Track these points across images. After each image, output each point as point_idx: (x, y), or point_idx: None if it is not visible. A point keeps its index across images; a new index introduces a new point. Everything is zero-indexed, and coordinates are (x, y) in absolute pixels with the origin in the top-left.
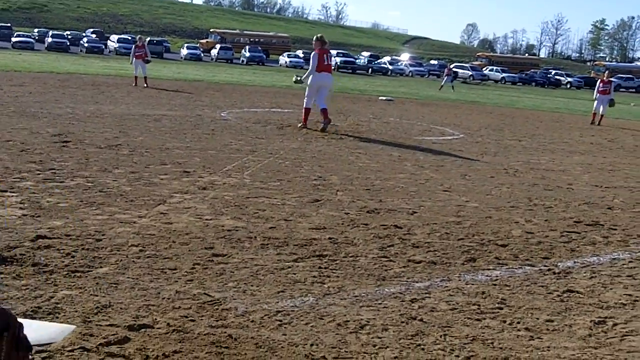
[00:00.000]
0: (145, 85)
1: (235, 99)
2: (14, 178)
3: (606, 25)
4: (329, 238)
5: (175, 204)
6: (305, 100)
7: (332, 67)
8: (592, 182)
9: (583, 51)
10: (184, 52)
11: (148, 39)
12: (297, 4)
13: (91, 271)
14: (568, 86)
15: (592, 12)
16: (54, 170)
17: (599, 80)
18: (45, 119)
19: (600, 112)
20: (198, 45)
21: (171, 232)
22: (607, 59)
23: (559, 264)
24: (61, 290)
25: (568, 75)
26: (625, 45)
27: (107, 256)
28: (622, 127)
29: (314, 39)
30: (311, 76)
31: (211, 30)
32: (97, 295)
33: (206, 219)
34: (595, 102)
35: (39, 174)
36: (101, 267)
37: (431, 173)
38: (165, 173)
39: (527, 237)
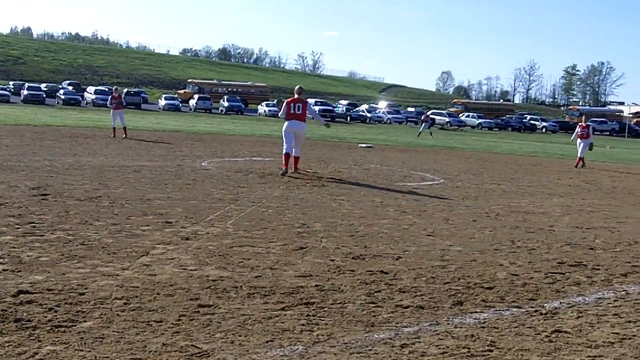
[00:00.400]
0: (125, 136)
1: (215, 149)
2: None
3: (577, 70)
4: (316, 285)
5: (158, 255)
6: (284, 146)
7: (304, 116)
8: (572, 224)
9: (556, 96)
10: (162, 102)
11: (125, 90)
12: (274, 54)
13: (75, 326)
14: (544, 130)
15: (563, 58)
16: (33, 224)
17: (578, 124)
18: (23, 172)
19: (579, 155)
20: (176, 95)
21: (155, 284)
22: (580, 103)
23: (545, 304)
24: (45, 346)
25: (543, 120)
26: (597, 89)
27: (91, 310)
28: (599, 169)
29: None
30: (284, 123)
31: (189, 80)
32: (82, 350)
33: (190, 270)
34: (579, 147)
35: (18, 228)
36: (85, 321)
37: (414, 218)
38: (147, 224)
39: (512, 279)
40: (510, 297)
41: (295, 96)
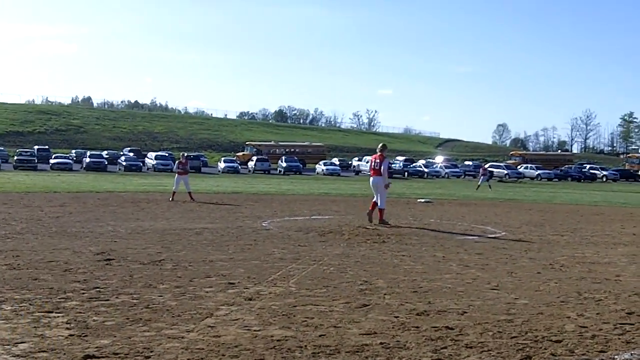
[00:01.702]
0: (192, 200)
1: (275, 209)
2: (59, 298)
3: (634, 118)
4: (381, 343)
5: (222, 317)
6: None
7: (379, 171)
8: (639, 273)
9: (615, 144)
10: (221, 165)
11: (186, 154)
12: (329, 113)
13: None
14: (604, 179)
15: (619, 106)
16: (98, 289)
17: None
18: (87, 237)
19: None
20: (235, 158)
21: (220, 345)
22: (639, 151)
23: (616, 356)
24: None
25: (603, 169)
26: None
27: None
28: None
29: None
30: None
31: (247, 143)
32: None
33: (255, 330)
34: None
35: (83, 293)
36: None
37: (477, 272)
38: (210, 286)
39: (580, 331)
40: (579, 350)
41: (378, 153)
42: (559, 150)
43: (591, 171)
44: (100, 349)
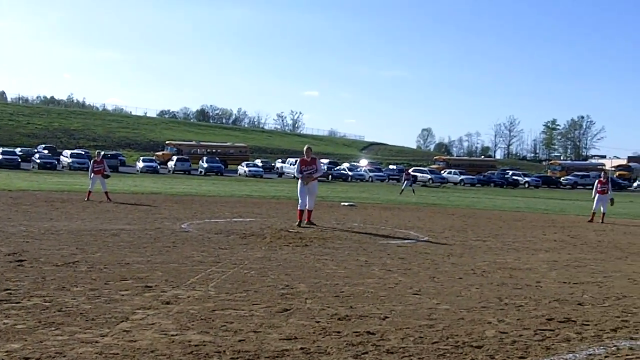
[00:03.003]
0: (108, 200)
1: (195, 210)
2: None
3: (557, 125)
4: (301, 348)
5: (138, 321)
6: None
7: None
8: (560, 279)
9: (537, 151)
10: (140, 165)
11: (102, 152)
12: (253, 114)
13: None
14: (526, 185)
15: (543, 113)
16: (9, 291)
17: (597, 181)
18: None
19: (602, 211)
20: (154, 157)
21: (136, 350)
22: (561, 157)
23: None
24: None
25: (525, 175)
26: (578, 143)
27: None
28: (585, 223)
29: None
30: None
31: (167, 142)
32: None
33: (172, 335)
34: (595, 202)
35: None
36: None
37: (400, 277)
38: (126, 289)
39: (501, 337)
40: (500, 356)
41: (306, 157)
42: (483, 156)
43: (514, 177)
44: (10, 353)
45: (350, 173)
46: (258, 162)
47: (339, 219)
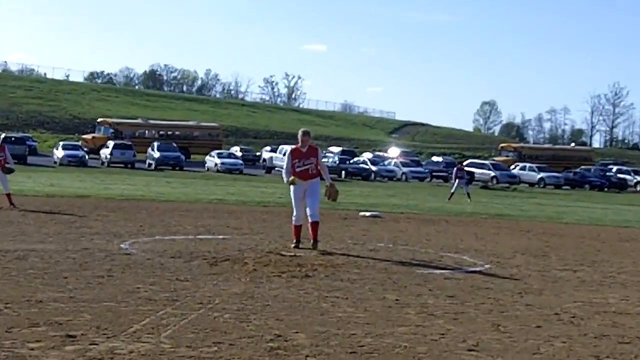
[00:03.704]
0: (12, 206)
1: (141, 222)
2: None
3: None
4: None
5: None
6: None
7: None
8: None
9: None
10: (59, 153)
11: (3, 135)
12: (228, 78)
13: None
14: (638, 188)
15: None
16: None
17: None
18: None
19: None
20: (80, 142)
21: None
22: None
23: None
24: None
25: (637, 173)
26: None
27: None
28: None
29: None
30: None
31: (99, 120)
32: None
33: None
34: None
35: None
36: None
37: (447, 324)
38: (38, 339)
39: None
40: None
41: (301, 145)
42: (573, 143)
43: (619, 175)
44: None
45: (373, 168)
46: (235, 150)
47: (357, 236)
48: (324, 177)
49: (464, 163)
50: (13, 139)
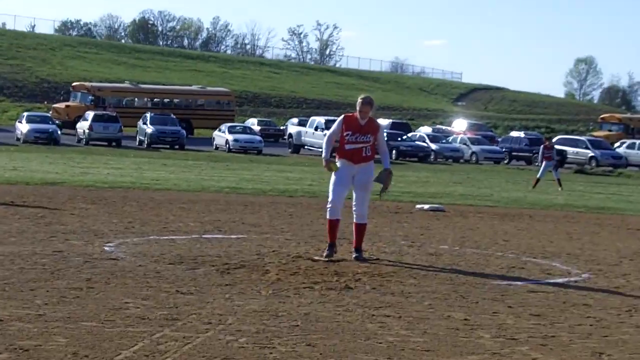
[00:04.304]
0: None
1: (130, 218)
2: None
3: None
4: None
5: None
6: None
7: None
8: None
9: None
10: (24, 127)
11: None
12: (242, 28)
13: None
14: None
15: None
16: None
17: None
18: None
19: None
20: (50, 113)
21: None
22: None
23: None
24: None
25: None
26: None
27: None
28: None
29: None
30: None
31: (75, 84)
32: None
33: None
34: None
35: None
36: None
37: (532, 351)
38: None
39: None
40: None
41: (359, 115)
42: None
43: None
44: None
45: (433, 146)
46: (252, 123)
47: (412, 236)
48: (382, 161)
49: (553, 140)
50: None
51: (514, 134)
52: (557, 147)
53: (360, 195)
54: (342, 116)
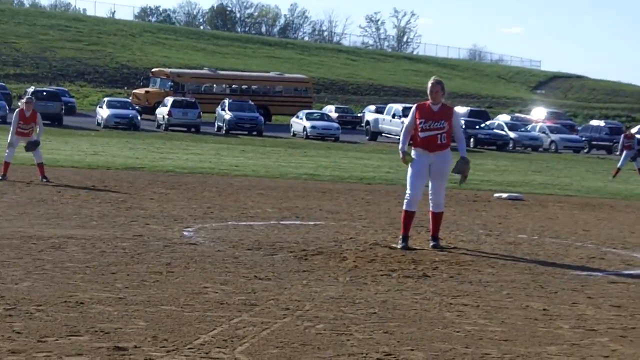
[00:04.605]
0: (44, 179)
1: (209, 203)
2: None
3: None
4: None
5: None
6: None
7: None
8: None
9: None
10: (104, 113)
11: (31, 89)
12: (319, 15)
13: None
14: None
15: None
16: None
17: None
18: None
19: None
20: (130, 99)
21: None
22: None
23: None
24: None
25: None
26: None
27: None
28: None
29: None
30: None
31: (154, 70)
32: None
33: None
34: None
35: None
36: None
37: (612, 343)
38: (79, 352)
39: None
40: None
41: (431, 101)
42: None
43: None
44: None
45: (512, 135)
46: (330, 110)
47: (491, 225)
48: (459, 149)
49: (634, 129)
50: (45, 93)
51: (594, 122)
52: (638, 136)
53: (436, 184)
54: (415, 105)
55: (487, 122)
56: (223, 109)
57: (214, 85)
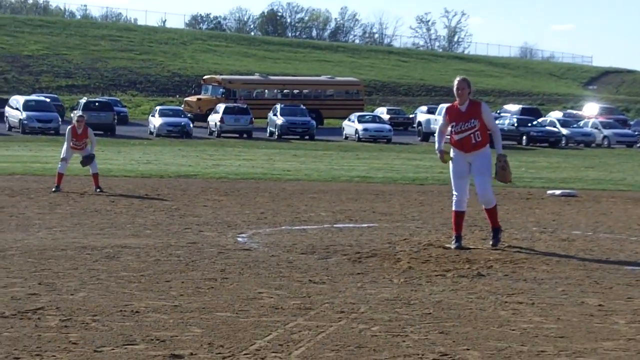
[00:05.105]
0: (98, 189)
1: (262, 208)
2: None
3: None
4: None
5: None
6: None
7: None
8: None
9: None
10: (157, 121)
11: (84, 100)
12: (370, 18)
13: None
14: None
15: None
16: None
17: None
18: None
19: None
20: (182, 107)
21: None
22: None
23: None
24: None
25: None
26: None
27: None
28: None
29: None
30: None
31: (206, 77)
32: None
33: None
34: None
35: None
36: None
37: None
38: None
39: None
40: None
41: (459, 100)
42: None
43: None
44: None
45: (564, 131)
46: (382, 112)
47: (544, 222)
48: (494, 144)
49: None
50: (97, 104)
51: None
52: None
53: (480, 180)
54: (444, 109)
55: (540, 120)
56: (275, 114)
57: (266, 90)
